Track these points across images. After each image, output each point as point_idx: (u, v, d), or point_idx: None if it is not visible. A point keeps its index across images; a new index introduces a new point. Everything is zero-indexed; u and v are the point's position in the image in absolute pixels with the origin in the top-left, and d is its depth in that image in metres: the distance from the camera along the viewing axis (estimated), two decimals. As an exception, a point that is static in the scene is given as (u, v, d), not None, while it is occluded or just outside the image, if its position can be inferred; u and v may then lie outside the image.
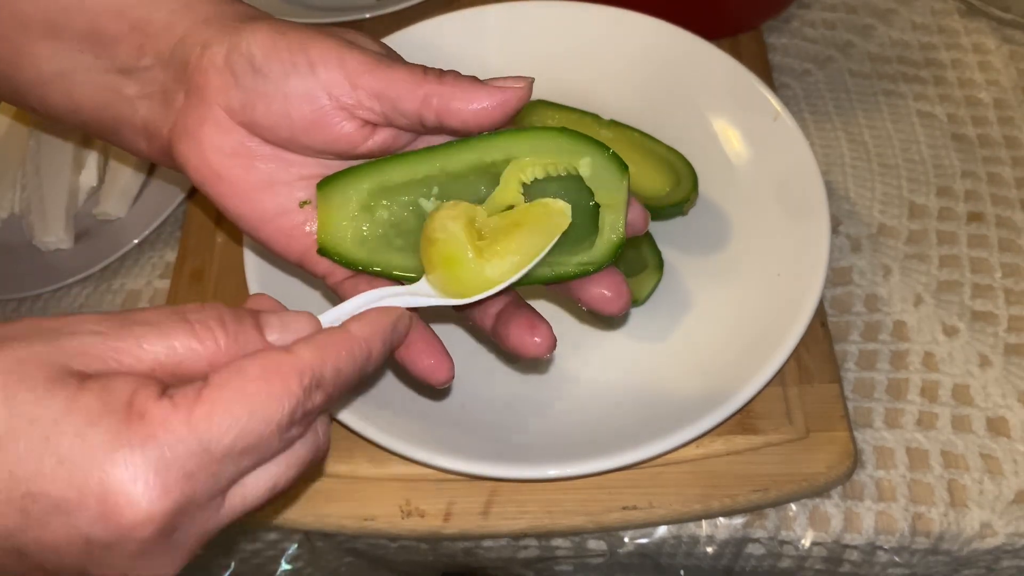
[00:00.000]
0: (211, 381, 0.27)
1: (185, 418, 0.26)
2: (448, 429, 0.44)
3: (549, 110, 0.54)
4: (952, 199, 0.54)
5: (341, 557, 0.50)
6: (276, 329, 0.30)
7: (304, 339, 0.30)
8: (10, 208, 0.62)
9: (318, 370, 0.29)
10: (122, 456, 0.25)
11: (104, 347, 0.27)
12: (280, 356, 0.28)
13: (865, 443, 0.46)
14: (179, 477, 0.26)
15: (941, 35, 0.63)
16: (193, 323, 0.28)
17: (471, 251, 0.35)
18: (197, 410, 0.26)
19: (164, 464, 0.26)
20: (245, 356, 0.28)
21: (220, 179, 0.37)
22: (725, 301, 0.48)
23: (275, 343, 0.30)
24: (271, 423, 0.27)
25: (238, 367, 0.28)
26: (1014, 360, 0.48)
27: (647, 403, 0.45)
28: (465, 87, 0.35)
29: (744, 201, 0.51)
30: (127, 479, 0.25)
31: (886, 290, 0.51)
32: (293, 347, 0.29)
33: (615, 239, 0.36)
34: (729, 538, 0.45)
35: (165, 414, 0.26)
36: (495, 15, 0.57)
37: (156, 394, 0.26)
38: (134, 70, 0.37)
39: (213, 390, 0.27)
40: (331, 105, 0.35)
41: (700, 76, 0.54)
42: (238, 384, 0.27)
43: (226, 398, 0.27)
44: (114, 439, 0.25)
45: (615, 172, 0.36)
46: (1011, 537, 0.43)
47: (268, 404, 0.27)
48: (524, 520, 0.44)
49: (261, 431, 0.27)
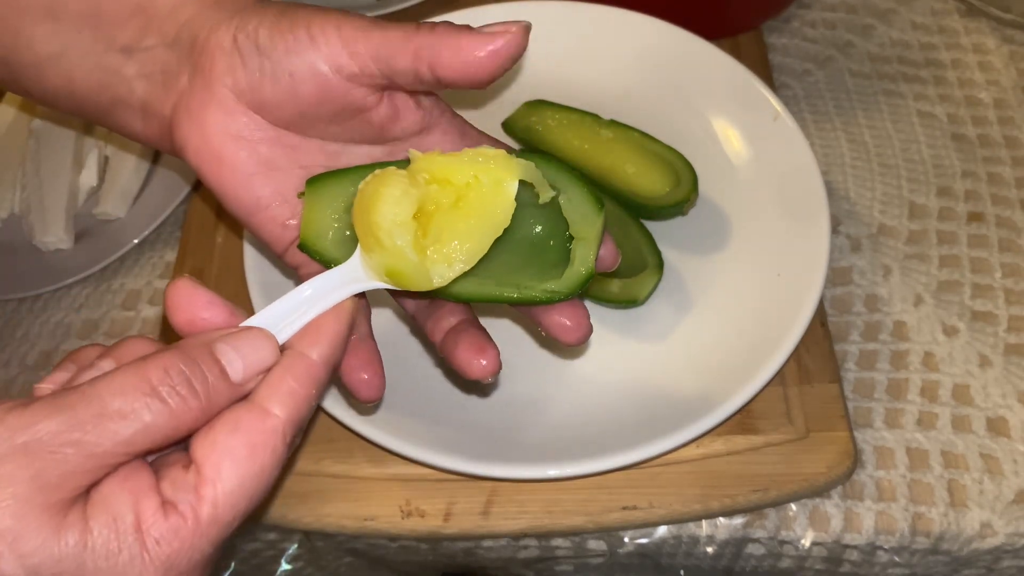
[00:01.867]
0: (204, 474, 0.28)
1: (195, 529, 0.28)
2: (448, 429, 0.44)
3: (549, 110, 0.54)
4: (952, 199, 0.54)
5: (341, 557, 0.50)
6: (238, 366, 0.30)
7: (275, 392, 0.30)
8: (10, 208, 0.62)
9: (295, 421, 0.30)
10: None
11: (89, 458, 0.27)
12: (260, 426, 0.29)
13: (865, 443, 0.46)
14: (196, 569, 0.28)
15: (941, 35, 0.63)
16: (164, 398, 0.28)
17: (415, 255, 0.34)
18: (203, 515, 0.28)
19: (187, 570, 0.28)
20: (227, 433, 0.29)
21: (221, 162, 0.37)
22: (725, 301, 0.48)
23: (240, 383, 0.30)
24: (266, 489, 0.30)
25: (225, 450, 0.29)
26: (1014, 360, 0.48)
27: (647, 403, 0.45)
28: (455, 36, 0.34)
29: (744, 201, 0.51)
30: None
31: (886, 290, 0.51)
32: (267, 407, 0.30)
33: (584, 272, 0.36)
34: (729, 538, 0.45)
35: (176, 532, 0.27)
36: (495, 15, 0.57)
37: (160, 509, 0.27)
38: (135, 50, 0.37)
39: (209, 487, 0.28)
40: (335, 77, 0.35)
41: (700, 76, 0.54)
42: (231, 470, 0.28)
43: (225, 488, 0.28)
44: (139, 570, 0.27)
45: (591, 207, 0.36)
46: (1011, 537, 0.43)
47: (262, 477, 0.29)
48: (524, 520, 0.44)
49: (258, 499, 0.30)
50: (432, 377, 0.47)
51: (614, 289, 0.48)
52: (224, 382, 0.30)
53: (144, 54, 0.37)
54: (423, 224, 0.34)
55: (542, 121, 0.53)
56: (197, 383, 0.29)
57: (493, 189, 0.35)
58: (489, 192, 0.35)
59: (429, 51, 0.34)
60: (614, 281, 0.48)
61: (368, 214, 0.34)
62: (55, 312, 0.57)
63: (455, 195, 0.34)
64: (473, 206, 0.34)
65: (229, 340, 0.31)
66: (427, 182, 0.34)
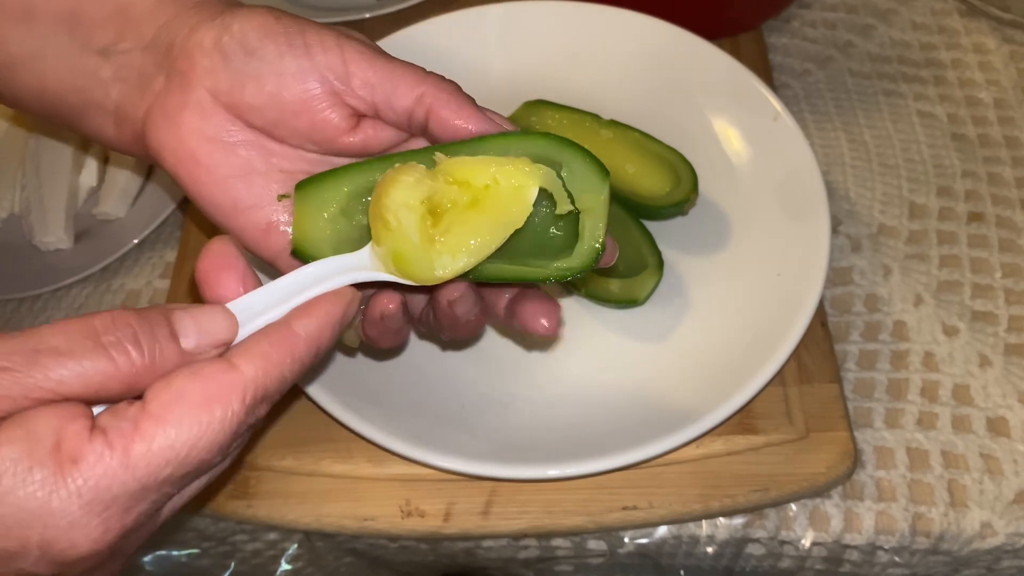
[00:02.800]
0: (149, 409, 0.26)
1: (122, 460, 0.25)
2: (448, 429, 0.44)
3: (549, 110, 0.54)
4: (952, 199, 0.54)
5: (341, 557, 0.50)
6: (192, 334, 0.28)
7: (246, 351, 0.28)
8: (10, 208, 0.62)
9: (261, 385, 0.28)
10: (59, 507, 0.25)
11: (13, 385, 0.25)
12: (222, 376, 0.27)
13: (865, 443, 0.46)
14: (119, 513, 0.26)
15: (941, 35, 0.63)
16: (106, 346, 0.26)
17: (422, 244, 0.34)
18: (135, 448, 0.26)
19: (103, 506, 0.25)
20: (185, 377, 0.27)
21: (197, 164, 0.36)
22: (725, 301, 0.48)
23: (191, 351, 0.28)
24: (212, 449, 0.27)
25: (178, 392, 0.27)
26: (1014, 360, 0.48)
27: (647, 403, 0.45)
28: (461, 101, 0.35)
29: (744, 201, 0.51)
30: (66, 526, 0.25)
31: (886, 290, 0.51)
32: (235, 361, 0.28)
33: (596, 247, 0.35)
34: (729, 538, 0.45)
35: (99, 456, 0.25)
36: (495, 15, 0.57)
37: (86, 431, 0.25)
38: (112, 52, 0.37)
39: (151, 423, 0.26)
40: (323, 89, 0.35)
41: (700, 76, 0.54)
42: (178, 413, 0.26)
43: (166, 431, 0.26)
44: (49, 490, 0.25)
45: (596, 176, 0.35)
46: (1011, 537, 0.43)
47: (210, 431, 0.27)
48: (524, 520, 0.44)
49: (202, 458, 0.27)
50: (433, 377, 0.47)
51: (614, 289, 0.48)
52: (173, 345, 0.28)
53: (121, 56, 0.37)
54: (436, 218, 0.34)
55: (542, 121, 0.53)
56: (143, 339, 0.27)
57: (511, 193, 0.34)
58: (507, 195, 0.34)
59: (435, 101, 0.35)
60: (614, 281, 0.48)
61: (380, 199, 0.34)
62: (55, 312, 0.57)
63: (473, 195, 0.34)
64: (488, 206, 0.34)
65: (189, 310, 0.29)
66: (447, 183, 0.34)
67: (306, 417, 0.47)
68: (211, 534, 0.49)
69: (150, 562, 0.51)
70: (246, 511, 0.45)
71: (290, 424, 0.47)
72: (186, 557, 0.51)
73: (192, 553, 0.51)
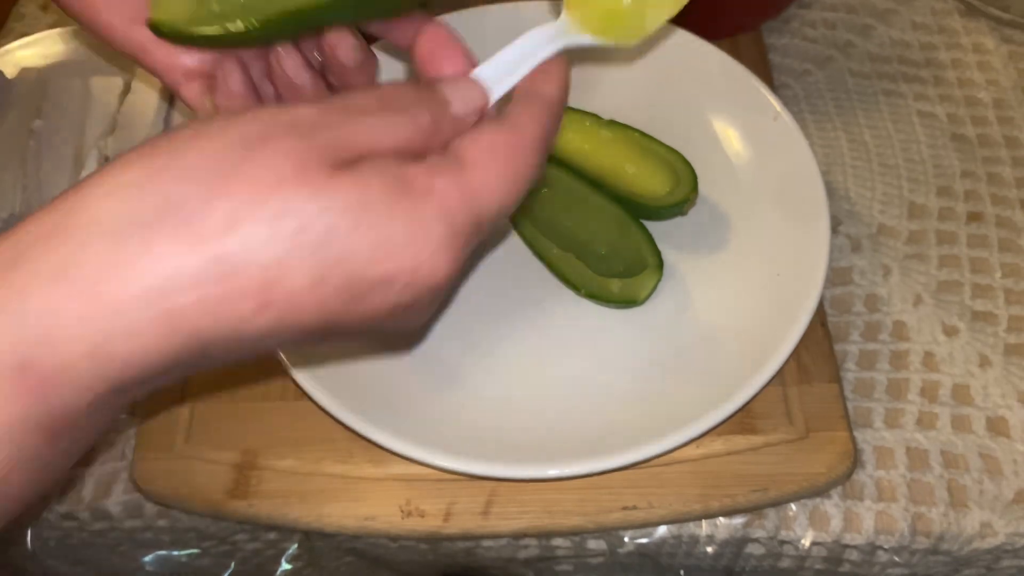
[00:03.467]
0: (465, 159, 0.28)
1: (464, 192, 0.28)
2: (448, 429, 0.44)
3: (549, 110, 0.54)
4: (952, 199, 0.54)
5: (341, 557, 0.50)
6: (457, 100, 0.30)
7: (525, 109, 0.30)
8: (10, 208, 0.62)
9: (546, 138, 0.30)
10: (424, 235, 0.27)
11: (348, 138, 0.27)
12: (521, 133, 0.29)
13: (865, 443, 0.46)
14: (463, 245, 0.28)
15: (941, 35, 0.63)
16: (403, 107, 0.28)
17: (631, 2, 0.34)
18: (471, 184, 0.28)
19: (453, 236, 0.27)
20: (493, 129, 0.29)
21: None
22: (725, 301, 0.48)
23: (459, 116, 0.30)
24: (518, 199, 0.29)
25: (489, 145, 0.29)
26: (1014, 360, 0.48)
27: (647, 403, 0.45)
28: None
29: (744, 201, 0.51)
30: (430, 254, 0.27)
31: (886, 290, 0.51)
32: (521, 121, 0.30)
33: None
34: (729, 538, 0.45)
35: (446, 189, 0.27)
36: (495, 15, 0.57)
37: (428, 168, 0.27)
38: None
39: (473, 169, 0.28)
40: None
41: (700, 76, 0.54)
42: (493, 162, 0.28)
43: (489, 175, 0.28)
44: (414, 220, 0.27)
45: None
46: (1011, 537, 0.43)
47: (518, 180, 0.29)
48: (524, 520, 0.44)
49: (511, 205, 0.29)
50: (433, 377, 0.47)
51: (614, 289, 0.48)
52: (447, 109, 0.30)
53: None
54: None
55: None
56: (427, 104, 0.29)
57: None
58: None
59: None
60: (614, 281, 0.48)
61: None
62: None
63: None
64: None
65: (445, 80, 0.31)
66: None
67: (306, 417, 0.47)
68: (211, 534, 0.49)
69: (150, 562, 0.51)
70: (246, 511, 0.45)
71: (290, 424, 0.47)
72: (186, 557, 0.51)
73: (192, 553, 0.51)
